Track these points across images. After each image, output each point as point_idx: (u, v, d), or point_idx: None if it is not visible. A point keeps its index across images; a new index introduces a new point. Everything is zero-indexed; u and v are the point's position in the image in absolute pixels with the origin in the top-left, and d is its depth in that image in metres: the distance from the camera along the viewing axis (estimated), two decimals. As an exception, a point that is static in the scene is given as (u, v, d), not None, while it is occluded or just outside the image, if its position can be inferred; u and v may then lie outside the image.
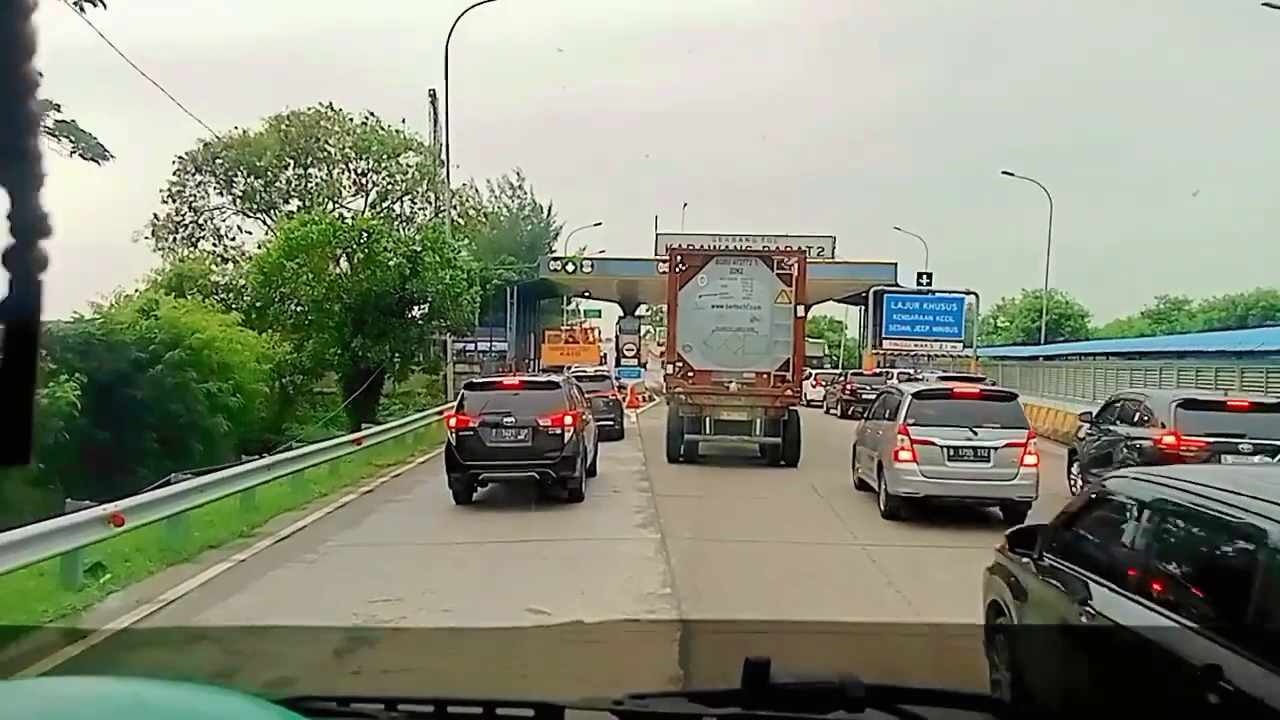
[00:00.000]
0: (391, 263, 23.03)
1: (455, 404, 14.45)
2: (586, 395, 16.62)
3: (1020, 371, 36.82)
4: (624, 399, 27.54)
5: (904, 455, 11.46)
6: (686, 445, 17.37)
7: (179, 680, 1.30)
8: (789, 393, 17.42)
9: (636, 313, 50.10)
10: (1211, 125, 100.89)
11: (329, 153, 38.70)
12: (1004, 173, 43.29)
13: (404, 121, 38.97)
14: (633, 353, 43.36)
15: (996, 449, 11.42)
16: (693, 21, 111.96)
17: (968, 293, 38.61)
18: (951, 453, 11.42)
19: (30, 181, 0.67)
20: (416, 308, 24.98)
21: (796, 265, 17.78)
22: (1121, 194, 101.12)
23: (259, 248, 31.17)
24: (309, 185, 38.31)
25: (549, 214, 60.38)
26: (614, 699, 1.52)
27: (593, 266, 41.99)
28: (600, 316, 58.57)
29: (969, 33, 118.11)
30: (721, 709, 1.53)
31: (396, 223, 36.58)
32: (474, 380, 16.02)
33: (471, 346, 50.01)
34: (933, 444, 11.44)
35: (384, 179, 39.38)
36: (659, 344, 59.90)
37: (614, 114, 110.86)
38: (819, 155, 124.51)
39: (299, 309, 23.86)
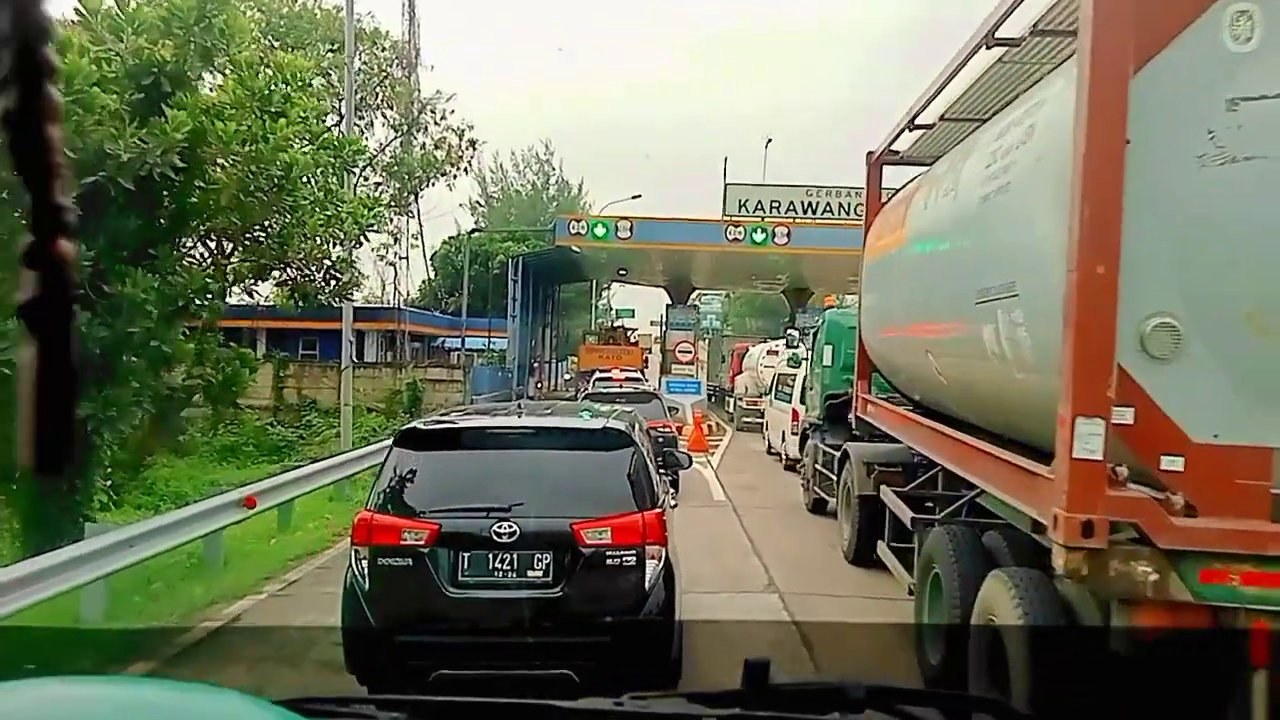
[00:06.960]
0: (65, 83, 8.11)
1: (373, 486, 5.43)
2: None
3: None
4: (682, 432, 18.78)
5: None
6: None
7: (179, 680, 1.28)
8: None
9: (691, 301, 36.47)
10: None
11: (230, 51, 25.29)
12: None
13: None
14: (688, 356, 29.73)
15: None
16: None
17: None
18: None
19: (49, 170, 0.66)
20: (170, 212, 8.91)
21: None
22: None
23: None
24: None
25: (580, 191, 52.97)
26: (614, 699, 1.48)
27: (631, 230, 28.46)
28: (634, 316, 45.84)
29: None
30: (721, 709, 1.47)
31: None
32: (420, 425, 5.54)
33: (457, 342, 36.92)
34: None
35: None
36: (759, 346, 45.22)
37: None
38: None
39: None
